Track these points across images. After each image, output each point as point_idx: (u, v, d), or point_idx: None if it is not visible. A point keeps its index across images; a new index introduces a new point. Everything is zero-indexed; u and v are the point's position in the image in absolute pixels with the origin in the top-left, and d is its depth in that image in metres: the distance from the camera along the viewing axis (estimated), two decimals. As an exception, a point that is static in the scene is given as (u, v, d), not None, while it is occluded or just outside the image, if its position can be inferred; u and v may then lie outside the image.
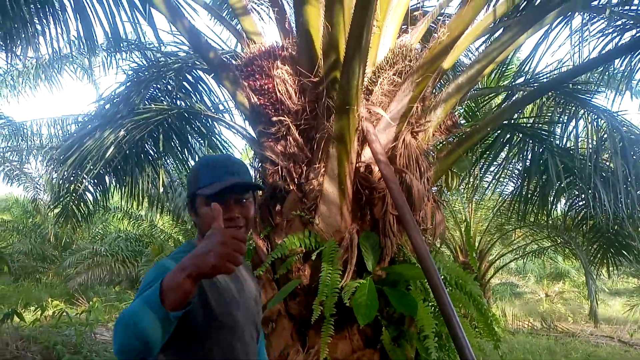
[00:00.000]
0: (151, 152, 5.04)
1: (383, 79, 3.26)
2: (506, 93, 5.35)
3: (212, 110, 5.13)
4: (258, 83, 3.29)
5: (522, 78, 5.54)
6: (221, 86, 4.79)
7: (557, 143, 5.12)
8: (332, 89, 2.96)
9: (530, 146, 5.12)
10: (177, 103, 5.01)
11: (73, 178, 4.85)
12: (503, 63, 5.40)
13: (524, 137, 5.11)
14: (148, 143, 4.91)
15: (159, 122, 4.49)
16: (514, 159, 5.55)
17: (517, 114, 5.25)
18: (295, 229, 3.13)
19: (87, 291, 12.54)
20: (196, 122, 5.01)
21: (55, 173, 5.02)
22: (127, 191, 5.17)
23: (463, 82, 3.57)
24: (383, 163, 2.97)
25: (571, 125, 5.15)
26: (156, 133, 4.66)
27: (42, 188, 11.46)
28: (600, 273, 8.56)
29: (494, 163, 5.69)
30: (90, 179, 4.89)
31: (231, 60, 3.94)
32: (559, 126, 5.27)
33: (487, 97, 5.80)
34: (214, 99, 5.22)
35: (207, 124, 5.08)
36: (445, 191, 4.46)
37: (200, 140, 5.17)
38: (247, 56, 3.42)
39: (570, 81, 4.90)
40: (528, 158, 5.22)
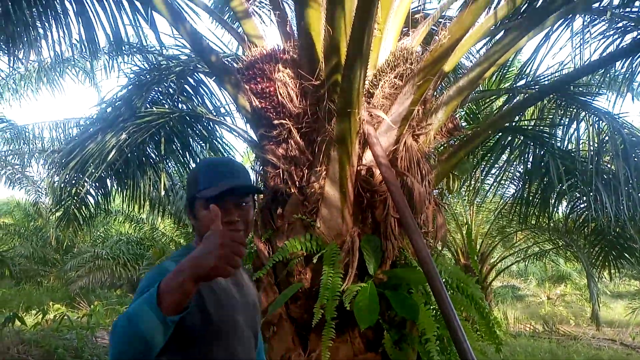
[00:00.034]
0: (153, 156, 5.05)
1: (384, 82, 3.27)
2: (507, 95, 5.35)
3: (214, 113, 5.14)
4: (259, 86, 3.30)
5: (523, 80, 5.55)
6: (223, 89, 4.81)
7: (559, 145, 5.12)
8: (334, 92, 2.96)
9: (531, 149, 5.12)
10: (179, 106, 5.03)
11: (75, 181, 4.86)
12: (504, 65, 5.39)
13: (525, 140, 5.11)
14: (150, 146, 4.92)
15: (161, 125, 4.50)
16: (515, 162, 5.56)
17: (518, 117, 5.25)
18: (296, 232, 3.12)
19: (89, 295, 12.55)
20: (198, 125, 5.02)
21: (57, 176, 5.03)
22: (129, 194, 5.18)
23: (464, 85, 3.57)
24: (384, 166, 2.97)
25: (572, 127, 5.17)
26: (158, 136, 4.68)
27: (44, 191, 11.46)
28: (602, 276, 8.54)
29: (495, 165, 5.69)
30: (91, 182, 4.91)
31: (233, 63, 3.95)
32: (560, 128, 5.27)
33: (489, 100, 5.80)
34: (216, 102, 5.24)
35: (209, 127, 5.10)
36: (446, 194, 4.45)
37: (201, 143, 5.18)
38: (249, 59, 3.42)
39: (571, 83, 4.90)
40: (529, 160, 5.22)
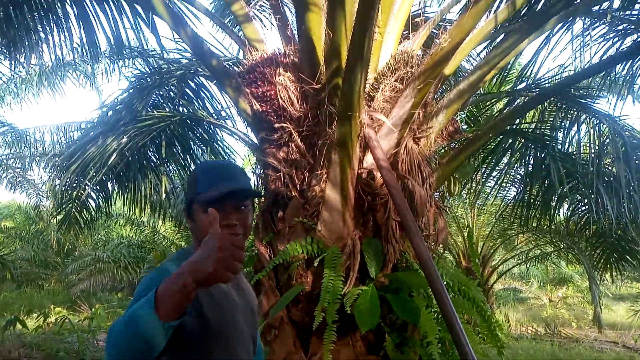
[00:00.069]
0: (154, 159, 5.06)
1: (385, 86, 3.27)
2: (508, 98, 5.35)
3: (215, 116, 5.15)
4: (260, 90, 3.30)
5: (524, 83, 5.56)
6: (223, 93, 4.82)
7: (559, 148, 5.12)
8: (334, 96, 2.96)
9: (532, 151, 5.12)
10: (180, 110, 5.04)
11: (76, 185, 4.88)
12: (505, 68, 5.40)
13: (526, 143, 5.11)
14: (150, 150, 4.93)
15: (162, 129, 4.51)
16: (516, 164, 5.56)
17: (519, 120, 5.25)
18: (297, 236, 3.13)
19: (90, 298, 12.55)
20: (198, 129, 5.03)
21: (58, 180, 5.04)
22: (130, 198, 5.18)
23: (465, 88, 3.57)
24: (385, 169, 2.97)
25: (573, 130, 5.17)
26: (159, 140, 4.69)
27: (45, 195, 11.46)
28: (603, 278, 8.51)
29: (496, 168, 5.69)
30: (92, 186, 4.92)
31: (233, 67, 3.96)
32: (561, 131, 5.28)
33: (489, 103, 5.81)
34: (216, 106, 5.25)
35: (210, 131, 5.11)
36: (447, 197, 4.45)
37: (202, 146, 5.19)
38: (250, 63, 3.44)
39: (572, 86, 4.90)
40: (530, 163, 5.23)
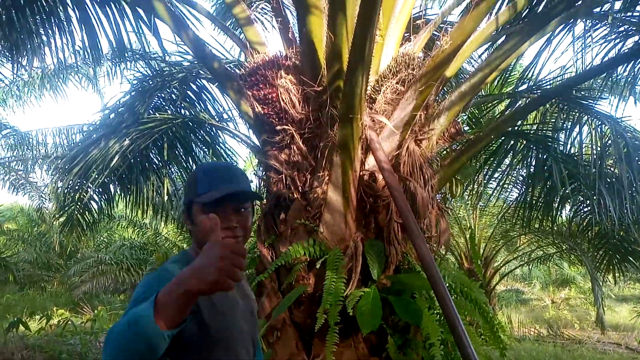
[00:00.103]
0: (156, 161, 5.07)
1: (386, 88, 3.28)
2: (509, 100, 5.35)
3: (216, 119, 5.16)
4: (262, 92, 3.31)
5: (525, 85, 5.55)
6: (225, 95, 4.84)
7: (561, 149, 5.12)
8: (336, 98, 2.97)
9: (534, 153, 5.12)
10: (182, 112, 5.05)
11: (78, 187, 4.89)
12: (506, 70, 5.40)
13: (528, 144, 5.11)
14: (153, 152, 4.95)
15: (164, 131, 4.52)
16: (518, 166, 5.55)
17: (521, 121, 5.25)
18: (299, 238, 3.13)
19: (92, 300, 12.56)
20: (200, 131, 5.05)
21: (60, 182, 5.05)
22: (132, 200, 5.19)
23: (466, 90, 3.57)
24: (387, 171, 2.97)
25: (575, 131, 5.17)
26: (161, 142, 4.70)
27: (47, 197, 11.49)
28: (606, 279, 8.50)
29: (498, 170, 5.70)
30: (95, 188, 4.93)
31: (235, 69, 3.97)
32: (563, 132, 5.27)
33: (491, 104, 5.80)
34: (218, 108, 5.26)
35: (212, 133, 5.12)
36: (449, 198, 4.45)
37: (204, 149, 5.20)
38: (251, 66, 3.44)
39: (573, 88, 4.90)
40: (532, 164, 5.22)
